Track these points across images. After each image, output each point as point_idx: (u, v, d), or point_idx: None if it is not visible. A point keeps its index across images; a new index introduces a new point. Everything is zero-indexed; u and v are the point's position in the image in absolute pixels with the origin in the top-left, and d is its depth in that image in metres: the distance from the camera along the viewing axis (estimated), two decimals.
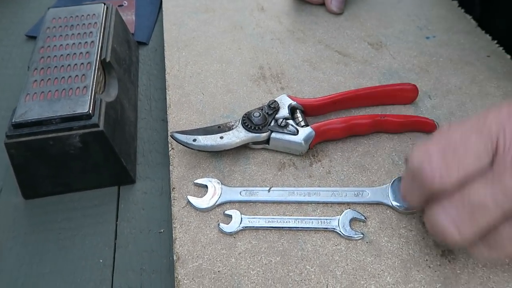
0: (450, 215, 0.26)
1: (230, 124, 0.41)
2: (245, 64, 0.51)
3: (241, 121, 0.41)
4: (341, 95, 0.44)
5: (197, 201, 0.37)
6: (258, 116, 0.40)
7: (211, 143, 0.39)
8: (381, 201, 0.36)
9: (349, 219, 0.35)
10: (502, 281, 0.32)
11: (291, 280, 0.33)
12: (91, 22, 0.47)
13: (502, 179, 0.25)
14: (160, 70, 0.54)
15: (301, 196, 0.37)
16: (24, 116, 0.37)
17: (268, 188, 0.37)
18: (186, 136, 0.39)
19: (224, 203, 0.37)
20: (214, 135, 0.39)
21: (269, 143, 0.41)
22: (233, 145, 0.39)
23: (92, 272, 0.36)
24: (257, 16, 0.59)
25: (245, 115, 0.41)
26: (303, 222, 0.35)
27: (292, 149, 0.40)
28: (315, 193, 0.37)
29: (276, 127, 0.40)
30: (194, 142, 0.39)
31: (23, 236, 0.38)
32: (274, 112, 0.41)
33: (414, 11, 0.58)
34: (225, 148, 0.39)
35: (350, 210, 0.36)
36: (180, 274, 0.33)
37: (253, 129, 0.40)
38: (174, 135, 0.40)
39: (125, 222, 0.39)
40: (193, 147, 0.39)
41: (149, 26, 0.61)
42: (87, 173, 0.40)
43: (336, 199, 0.37)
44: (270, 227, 0.35)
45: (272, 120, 0.41)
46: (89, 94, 0.38)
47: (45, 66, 0.41)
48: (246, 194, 0.37)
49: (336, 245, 0.34)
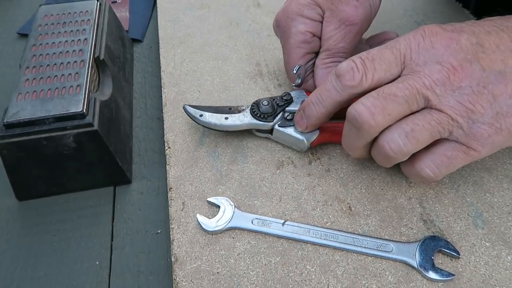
0: (366, 104, 0.31)
1: (241, 108, 0.41)
2: (242, 61, 0.50)
3: (250, 107, 0.41)
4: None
5: (206, 221, 0.35)
6: (267, 104, 0.40)
7: (215, 122, 0.40)
8: (406, 260, 0.33)
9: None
10: (504, 278, 0.32)
11: (292, 281, 0.32)
12: (84, 19, 0.46)
13: (408, 79, 0.31)
14: (155, 67, 0.53)
15: (316, 237, 0.34)
16: (16, 116, 0.36)
17: (283, 221, 0.35)
18: (194, 110, 0.41)
19: (234, 229, 0.35)
20: (220, 115, 0.40)
21: (272, 134, 0.41)
22: (236, 127, 0.40)
23: (88, 275, 0.35)
24: (253, 11, 0.58)
25: (255, 102, 0.41)
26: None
27: (293, 144, 0.40)
28: (332, 236, 0.34)
29: (282, 119, 0.40)
30: (200, 117, 0.40)
31: (17, 239, 0.38)
32: (286, 104, 0.41)
33: (411, 5, 0.57)
34: (228, 130, 0.40)
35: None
36: (178, 276, 0.33)
37: (259, 117, 0.40)
38: (186, 107, 0.41)
39: (121, 223, 0.39)
40: (198, 121, 0.40)
41: (144, 23, 0.60)
42: (81, 174, 0.39)
43: (355, 248, 0.33)
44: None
45: (281, 111, 0.40)
46: (82, 93, 0.37)
47: (37, 65, 0.40)
48: (258, 223, 0.35)
49: None
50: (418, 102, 0.30)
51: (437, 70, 0.30)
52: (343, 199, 0.37)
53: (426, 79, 0.30)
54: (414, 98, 0.30)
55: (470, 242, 0.34)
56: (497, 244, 0.34)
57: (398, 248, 0.33)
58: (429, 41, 0.31)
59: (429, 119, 0.30)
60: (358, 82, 0.32)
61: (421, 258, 0.32)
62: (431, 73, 0.30)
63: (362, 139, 0.32)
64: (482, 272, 0.32)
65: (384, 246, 0.33)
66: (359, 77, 0.32)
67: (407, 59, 0.32)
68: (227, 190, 0.38)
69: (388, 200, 0.37)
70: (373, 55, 0.32)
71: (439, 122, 0.30)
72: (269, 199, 0.37)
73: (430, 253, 0.33)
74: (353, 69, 0.32)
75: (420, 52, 0.31)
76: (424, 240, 0.33)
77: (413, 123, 0.30)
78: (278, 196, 0.37)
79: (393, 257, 0.33)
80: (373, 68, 0.32)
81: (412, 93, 0.30)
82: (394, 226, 0.35)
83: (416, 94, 0.30)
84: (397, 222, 0.35)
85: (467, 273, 0.32)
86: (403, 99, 0.30)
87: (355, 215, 0.36)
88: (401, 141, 0.31)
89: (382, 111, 0.30)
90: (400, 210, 0.36)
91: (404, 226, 0.35)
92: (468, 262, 0.33)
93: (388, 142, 0.31)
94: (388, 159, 0.32)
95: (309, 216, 0.36)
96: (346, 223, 0.35)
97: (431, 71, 0.30)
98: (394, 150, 0.31)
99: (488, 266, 0.32)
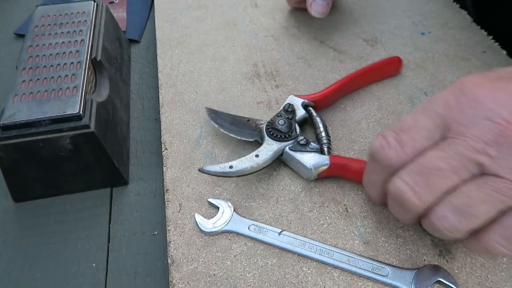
0: (407, 182, 0.27)
1: (260, 124, 0.40)
2: (239, 61, 0.50)
3: (266, 131, 0.39)
4: (343, 81, 0.44)
5: (203, 221, 0.35)
6: (284, 124, 0.39)
7: (251, 165, 0.36)
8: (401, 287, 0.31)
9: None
10: (500, 280, 0.32)
11: (288, 283, 0.32)
12: (81, 20, 0.46)
13: (454, 144, 0.26)
14: (152, 68, 0.53)
15: (312, 251, 0.33)
16: (12, 117, 0.36)
17: (280, 230, 0.34)
18: (222, 166, 0.36)
19: (230, 232, 0.35)
20: (249, 156, 0.37)
21: (282, 155, 0.39)
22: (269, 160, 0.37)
23: (85, 277, 0.35)
24: (251, 12, 0.58)
25: (269, 124, 0.40)
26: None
27: (300, 171, 0.38)
28: (327, 252, 0.33)
29: (295, 143, 0.38)
30: (231, 169, 0.35)
31: (14, 241, 0.38)
32: (293, 114, 0.40)
33: (409, 6, 0.57)
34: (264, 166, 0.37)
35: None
36: (174, 278, 0.33)
37: (282, 138, 0.38)
38: (204, 168, 0.36)
39: (118, 225, 0.39)
40: (231, 174, 0.36)
41: (141, 23, 0.60)
42: (78, 175, 0.39)
43: (350, 268, 0.32)
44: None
45: (295, 131, 0.39)
46: (79, 94, 0.37)
47: (34, 66, 0.40)
48: (255, 230, 0.35)
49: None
50: (470, 170, 0.26)
51: (487, 128, 0.26)
52: (340, 200, 0.37)
53: (475, 141, 0.26)
54: (463, 167, 0.26)
55: None
56: None
57: (394, 273, 0.32)
58: (472, 95, 0.27)
59: (485, 189, 0.26)
60: (395, 158, 0.28)
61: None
62: (481, 133, 0.26)
63: (409, 214, 0.29)
64: (478, 274, 0.32)
65: (379, 269, 0.32)
66: (393, 153, 0.28)
67: (449, 121, 0.27)
68: (224, 192, 0.38)
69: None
70: (408, 125, 0.28)
71: (499, 190, 0.25)
72: (266, 201, 0.37)
73: (427, 282, 0.31)
74: (383, 147, 0.28)
75: (462, 109, 0.27)
76: (423, 268, 0.32)
77: (467, 197, 0.26)
78: (275, 197, 0.37)
79: (388, 281, 0.31)
80: (409, 139, 0.28)
81: (460, 162, 0.26)
82: (391, 227, 0.35)
83: (466, 162, 0.26)
84: (393, 223, 0.35)
85: (463, 274, 0.32)
86: (450, 171, 0.26)
87: (351, 217, 0.36)
88: (455, 218, 0.26)
89: (426, 188, 0.27)
90: None
91: (400, 227, 0.35)
92: (464, 264, 0.33)
93: (439, 220, 0.27)
94: (447, 236, 0.28)
95: (306, 218, 0.36)
96: (343, 225, 0.35)
97: (480, 130, 0.26)
98: (449, 229, 0.27)
99: (484, 268, 0.32)
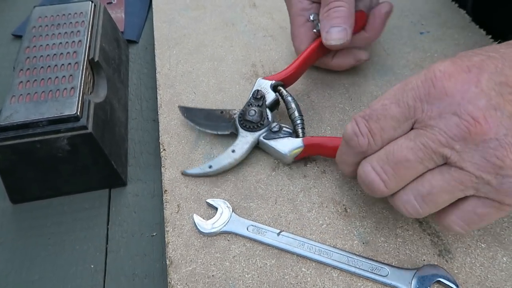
0: (376, 169, 0.29)
1: (233, 113, 0.41)
2: (238, 62, 0.50)
3: (239, 123, 0.40)
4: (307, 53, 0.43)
5: (201, 222, 0.35)
6: (254, 114, 0.39)
7: (229, 161, 0.38)
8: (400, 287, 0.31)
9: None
10: (500, 280, 0.32)
11: (287, 283, 0.32)
12: (79, 21, 0.46)
13: (422, 136, 0.27)
14: (150, 69, 0.53)
15: (311, 252, 0.33)
16: (10, 118, 0.35)
17: (278, 231, 0.34)
18: (201, 168, 0.38)
19: (228, 233, 0.35)
20: (226, 152, 0.38)
21: (258, 144, 0.40)
22: (246, 153, 0.39)
23: (83, 278, 0.35)
24: (249, 12, 0.58)
25: (240, 115, 0.40)
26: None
27: (277, 157, 0.40)
28: (326, 253, 0.33)
29: (268, 131, 0.39)
30: (211, 168, 0.38)
31: (11, 242, 0.37)
32: (263, 100, 0.40)
33: (407, 6, 0.57)
34: (242, 159, 0.39)
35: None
36: (173, 279, 0.32)
37: (255, 128, 0.39)
38: (186, 171, 0.39)
39: (116, 226, 0.38)
40: (212, 173, 0.38)
41: (139, 24, 0.60)
42: (76, 176, 0.39)
43: (349, 268, 0.32)
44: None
45: (267, 119, 0.40)
46: (77, 95, 0.37)
47: (31, 67, 0.40)
48: (253, 230, 0.35)
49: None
50: (435, 161, 0.27)
51: (454, 124, 0.26)
52: (339, 200, 0.37)
53: (442, 135, 0.26)
54: (429, 158, 0.27)
55: (466, 244, 0.34)
56: (493, 246, 0.34)
57: (393, 273, 0.32)
58: (442, 87, 0.27)
59: (448, 180, 0.27)
60: (366, 146, 0.29)
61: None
62: (448, 128, 0.26)
63: (375, 195, 0.30)
64: (477, 274, 0.32)
65: (379, 270, 0.32)
66: (365, 142, 0.29)
67: (417, 113, 0.28)
68: (223, 192, 0.38)
69: (384, 201, 0.37)
70: (378, 114, 0.29)
71: (461, 181, 0.26)
72: (265, 201, 0.37)
73: (427, 283, 0.31)
74: (357, 135, 0.30)
75: (432, 102, 0.27)
76: (422, 268, 0.32)
77: (430, 185, 0.27)
78: (274, 198, 0.37)
79: (387, 282, 0.31)
80: (379, 128, 0.29)
81: (426, 153, 0.27)
82: (390, 227, 0.35)
83: (432, 154, 0.27)
84: (392, 223, 0.35)
85: (463, 274, 0.32)
86: (416, 162, 0.27)
87: (350, 217, 0.36)
88: (418, 204, 0.28)
89: (394, 177, 0.28)
90: (396, 212, 0.36)
91: (399, 227, 0.35)
92: (464, 264, 0.33)
93: (403, 205, 0.29)
94: (408, 216, 0.30)
95: (305, 218, 0.36)
96: (342, 225, 0.35)
97: (447, 125, 0.26)
98: (412, 212, 0.29)
99: (484, 268, 0.32)
